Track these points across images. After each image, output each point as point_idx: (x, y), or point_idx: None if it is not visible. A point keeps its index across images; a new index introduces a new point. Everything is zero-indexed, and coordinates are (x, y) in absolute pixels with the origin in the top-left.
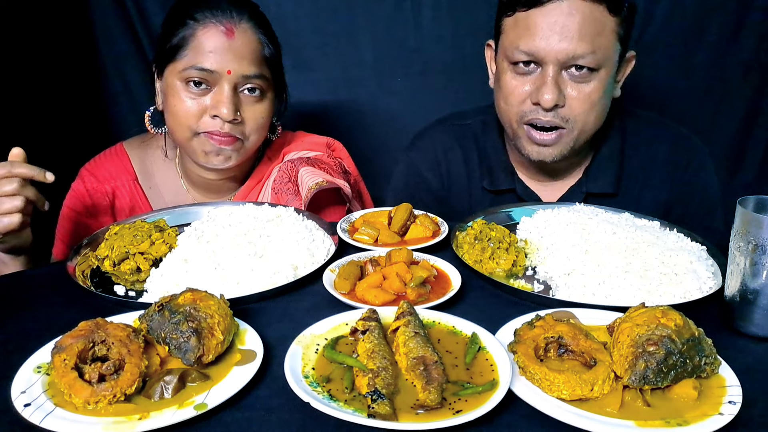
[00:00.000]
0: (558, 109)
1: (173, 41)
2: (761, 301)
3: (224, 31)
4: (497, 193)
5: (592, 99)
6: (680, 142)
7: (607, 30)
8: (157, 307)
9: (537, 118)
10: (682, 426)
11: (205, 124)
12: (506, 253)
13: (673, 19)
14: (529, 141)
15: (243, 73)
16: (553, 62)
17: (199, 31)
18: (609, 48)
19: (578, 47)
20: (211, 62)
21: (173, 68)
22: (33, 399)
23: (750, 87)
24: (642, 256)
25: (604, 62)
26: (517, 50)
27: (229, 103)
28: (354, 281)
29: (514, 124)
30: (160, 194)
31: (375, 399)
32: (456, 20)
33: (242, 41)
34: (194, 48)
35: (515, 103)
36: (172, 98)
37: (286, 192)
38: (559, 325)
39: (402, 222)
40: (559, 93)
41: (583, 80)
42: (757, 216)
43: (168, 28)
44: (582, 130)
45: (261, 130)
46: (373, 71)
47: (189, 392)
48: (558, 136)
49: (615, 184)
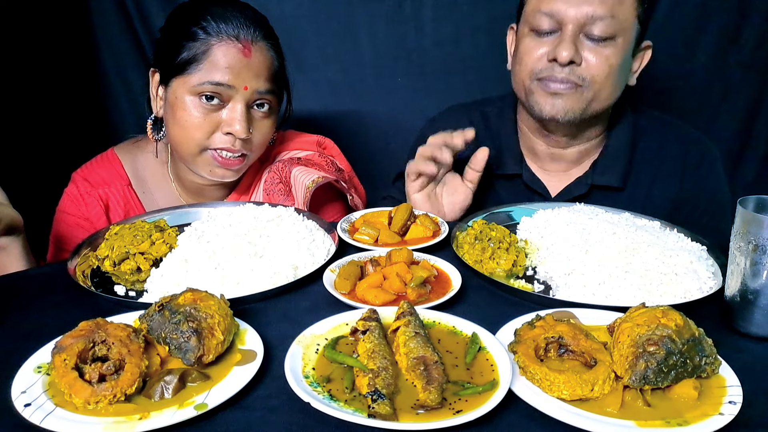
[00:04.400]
0: (574, 67)
1: (184, 54)
2: (761, 301)
3: (241, 49)
4: (503, 178)
5: (610, 62)
6: (692, 142)
7: (627, 1)
8: (157, 307)
9: (552, 75)
10: (682, 426)
11: (215, 140)
12: (506, 253)
13: (673, 19)
14: (542, 93)
15: (258, 89)
16: (573, 22)
17: (214, 46)
18: (628, 19)
19: (598, 8)
20: (228, 77)
21: (184, 81)
22: (33, 399)
23: (750, 87)
24: (642, 256)
25: (622, 32)
26: (539, 12)
27: (243, 120)
28: (354, 281)
29: (527, 81)
30: (153, 199)
31: (375, 399)
32: (456, 20)
33: (259, 59)
34: (209, 63)
35: (530, 63)
36: (182, 111)
37: (277, 193)
38: (560, 325)
39: (402, 222)
40: (576, 52)
41: (601, 44)
42: (757, 216)
43: (176, 39)
44: (597, 93)
45: (265, 144)
46: (373, 71)
47: (189, 392)
48: (573, 87)
49: (622, 179)
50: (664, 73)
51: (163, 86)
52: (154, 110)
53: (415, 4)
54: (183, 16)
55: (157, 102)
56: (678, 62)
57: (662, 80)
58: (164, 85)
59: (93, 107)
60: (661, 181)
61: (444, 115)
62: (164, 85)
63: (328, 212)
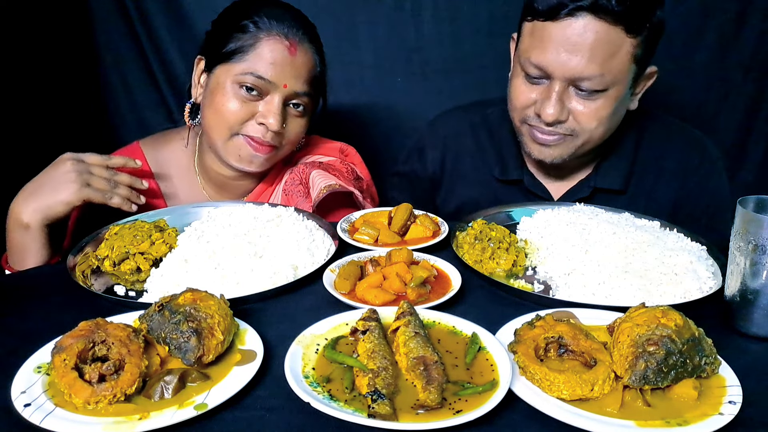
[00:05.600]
0: (560, 125)
1: (232, 43)
2: (761, 301)
3: (288, 46)
4: (506, 183)
5: (599, 115)
6: (693, 144)
7: (622, 52)
8: (157, 307)
9: (539, 127)
10: (682, 426)
11: (248, 128)
12: (506, 253)
13: (673, 19)
14: (530, 139)
15: (296, 90)
16: (560, 78)
17: (262, 40)
18: (621, 70)
19: (586, 69)
20: (271, 73)
21: (228, 69)
22: (33, 399)
23: (750, 87)
24: (642, 256)
25: (614, 84)
26: (528, 61)
27: (278, 114)
28: (354, 281)
29: (518, 123)
30: (174, 192)
31: (375, 399)
32: (456, 20)
33: (302, 60)
34: (256, 55)
35: (518, 106)
36: (221, 96)
37: (296, 194)
38: (559, 325)
39: (402, 222)
40: (562, 109)
41: (589, 98)
42: (757, 216)
43: (226, 28)
44: (588, 140)
45: (295, 142)
46: (373, 71)
47: (189, 392)
48: (561, 139)
49: (624, 182)
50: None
51: (207, 73)
52: (193, 96)
53: (415, 4)
54: (237, 10)
55: (197, 89)
56: (678, 62)
57: (663, 80)
58: (208, 72)
59: (93, 107)
60: (663, 183)
61: (443, 118)
62: (208, 72)
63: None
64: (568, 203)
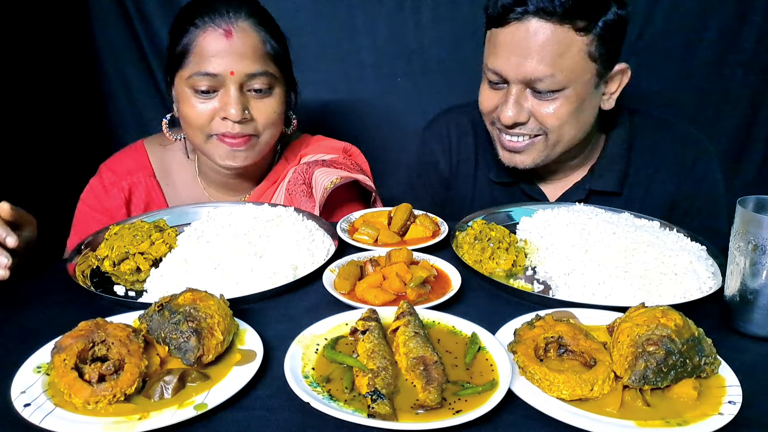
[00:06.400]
0: (524, 126)
1: (178, 49)
2: (761, 301)
3: (223, 33)
4: (501, 185)
5: (559, 114)
6: (688, 142)
7: (572, 51)
8: (157, 307)
9: (505, 130)
10: (682, 426)
11: (216, 126)
12: (506, 253)
13: (673, 19)
14: (501, 146)
15: (246, 72)
16: (515, 81)
17: (199, 37)
18: (575, 69)
19: (536, 70)
20: (214, 66)
21: (180, 75)
22: (33, 399)
23: (750, 87)
24: (642, 256)
25: (570, 83)
26: (486, 67)
27: (236, 103)
28: (354, 281)
29: (489, 128)
30: (176, 191)
31: (375, 399)
32: (456, 20)
33: (242, 41)
34: (197, 54)
35: (486, 113)
36: (183, 105)
37: (299, 193)
38: (559, 325)
39: (402, 222)
40: (519, 111)
41: (547, 98)
42: (757, 216)
43: (173, 36)
44: (557, 141)
45: (274, 125)
46: (373, 71)
47: (189, 392)
48: (530, 144)
49: (620, 183)
50: (665, 73)
51: (172, 86)
52: (174, 111)
53: (415, 4)
54: (179, 15)
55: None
56: (678, 62)
57: (662, 80)
58: (172, 84)
59: (93, 107)
60: (658, 183)
61: (442, 117)
62: (172, 84)
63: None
64: (568, 203)
